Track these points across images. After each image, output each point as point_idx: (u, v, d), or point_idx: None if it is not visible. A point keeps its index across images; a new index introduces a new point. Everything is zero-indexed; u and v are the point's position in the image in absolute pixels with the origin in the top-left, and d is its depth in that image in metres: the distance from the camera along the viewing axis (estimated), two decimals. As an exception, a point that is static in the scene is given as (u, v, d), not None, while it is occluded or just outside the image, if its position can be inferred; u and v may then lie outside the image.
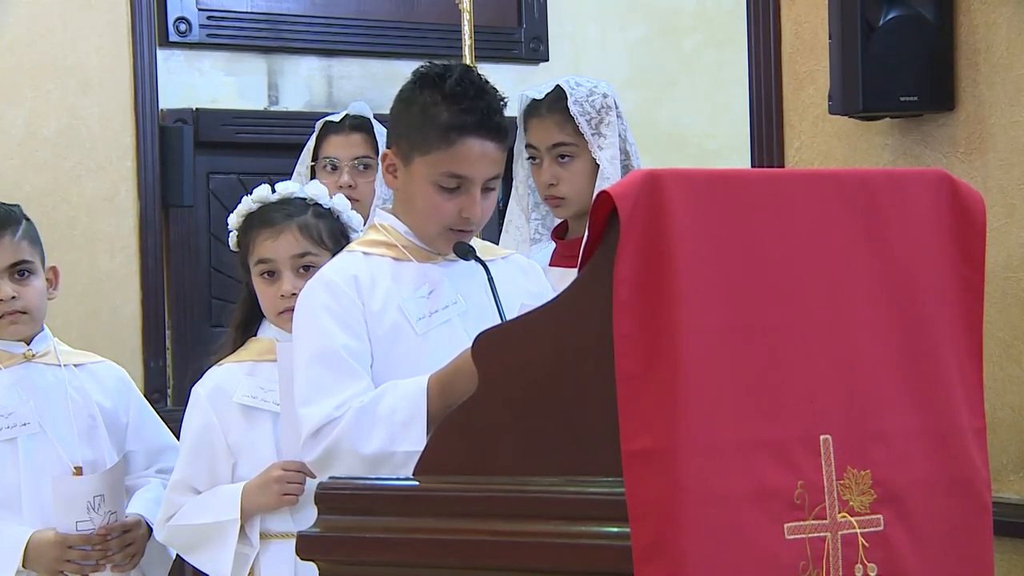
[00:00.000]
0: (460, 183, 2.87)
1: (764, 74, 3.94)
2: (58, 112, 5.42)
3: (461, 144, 2.86)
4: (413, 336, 2.88)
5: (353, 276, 2.89)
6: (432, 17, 6.30)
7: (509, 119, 3.19)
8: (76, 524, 3.37)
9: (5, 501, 3.41)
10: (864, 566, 2.15)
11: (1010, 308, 3.43)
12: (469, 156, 2.86)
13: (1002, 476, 3.37)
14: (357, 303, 2.87)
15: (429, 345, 2.87)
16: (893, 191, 2.25)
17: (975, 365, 2.28)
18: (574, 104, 3.62)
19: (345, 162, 4.13)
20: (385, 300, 2.89)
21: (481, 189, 2.89)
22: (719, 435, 2.07)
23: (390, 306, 2.89)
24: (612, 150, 3.62)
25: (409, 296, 2.90)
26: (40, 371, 3.50)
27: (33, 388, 3.48)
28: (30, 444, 3.44)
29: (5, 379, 3.47)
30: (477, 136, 2.86)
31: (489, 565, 2.23)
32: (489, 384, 2.29)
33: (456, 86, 2.87)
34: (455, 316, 2.90)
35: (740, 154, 4.54)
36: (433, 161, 2.87)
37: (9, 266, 3.44)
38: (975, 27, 3.50)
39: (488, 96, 2.89)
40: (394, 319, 2.88)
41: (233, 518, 3.24)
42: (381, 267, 2.93)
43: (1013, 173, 3.44)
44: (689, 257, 2.08)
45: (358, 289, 2.88)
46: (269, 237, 3.33)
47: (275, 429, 3.29)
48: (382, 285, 2.90)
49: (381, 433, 2.70)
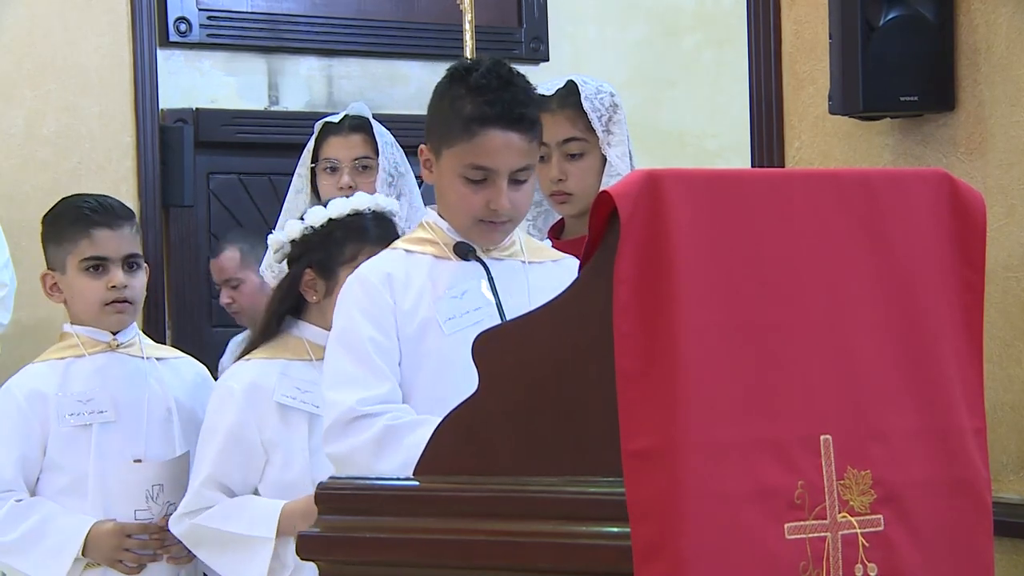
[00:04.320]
0: (486, 175, 2.88)
1: (764, 74, 3.94)
2: (58, 112, 5.42)
3: (483, 135, 2.86)
4: (441, 336, 2.88)
5: (388, 274, 2.91)
6: (432, 17, 6.30)
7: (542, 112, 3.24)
8: (135, 512, 3.45)
9: (71, 487, 3.48)
10: (864, 566, 2.15)
11: (1010, 308, 3.43)
12: (492, 147, 2.86)
13: (1002, 476, 3.37)
14: (388, 301, 2.89)
15: (457, 346, 2.84)
16: (893, 191, 2.25)
17: (975, 365, 2.29)
18: (586, 100, 3.62)
19: (345, 163, 4.13)
20: (418, 298, 2.90)
21: (510, 181, 2.89)
22: (719, 435, 2.07)
23: (422, 305, 2.90)
24: (621, 148, 3.63)
25: (442, 295, 2.91)
26: (123, 361, 3.58)
27: (115, 377, 3.55)
28: (103, 432, 3.50)
29: (88, 366, 3.54)
30: (499, 127, 2.86)
31: (489, 565, 2.23)
32: (489, 384, 2.29)
33: (481, 79, 2.88)
34: (486, 318, 2.89)
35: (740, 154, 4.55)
36: (458, 153, 2.89)
37: (125, 256, 3.54)
38: (975, 27, 3.50)
39: (515, 88, 2.89)
40: (424, 318, 2.89)
41: (267, 536, 3.25)
42: (420, 265, 2.94)
43: (1013, 173, 3.44)
44: (689, 257, 2.08)
45: (391, 287, 2.90)
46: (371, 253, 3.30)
47: (310, 431, 3.31)
48: (416, 283, 2.91)
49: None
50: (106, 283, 3.51)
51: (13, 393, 3.53)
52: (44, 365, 3.57)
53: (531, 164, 2.92)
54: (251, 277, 5.24)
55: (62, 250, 3.56)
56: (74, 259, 3.53)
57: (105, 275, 3.52)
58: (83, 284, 3.53)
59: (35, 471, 3.48)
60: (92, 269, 3.53)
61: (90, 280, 3.52)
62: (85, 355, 3.55)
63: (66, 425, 3.48)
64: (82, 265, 3.52)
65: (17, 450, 3.46)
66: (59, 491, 3.48)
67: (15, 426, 3.48)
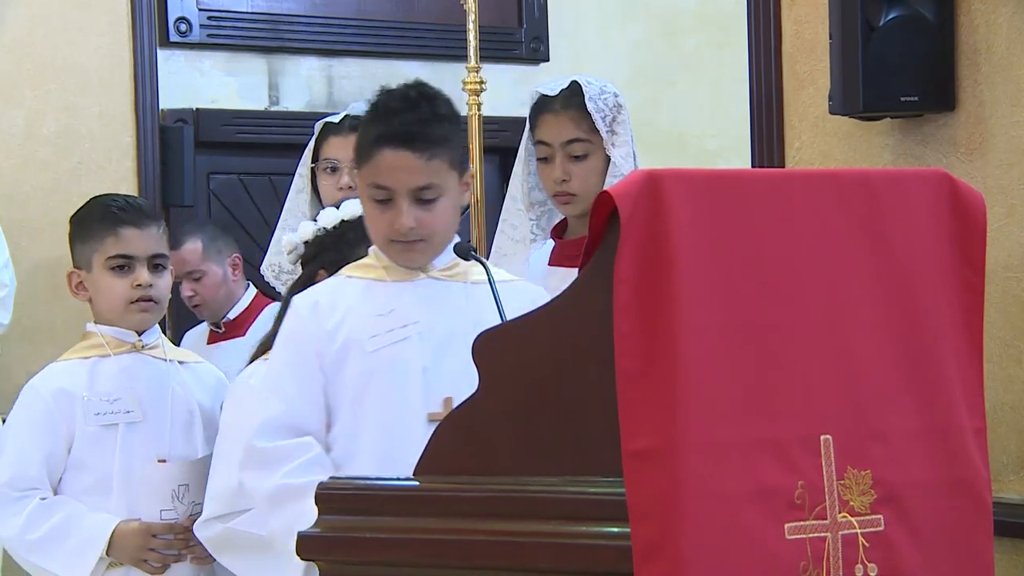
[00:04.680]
0: (387, 195, 2.92)
1: (764, 74, 3.94)
2: (58, 112, 5.43)
3: (379, 155, 2.92)
4: (363, 354, 2.93)
5: (314, 302, 2.99)
6: (432, 17, 6.31)
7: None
8: (160, 512, 3.45)
9: (96, 486, 3.48)
10: (864, 566, 2.15)
11: (1010, 308, 3.43)
12: (386, 166, 2.91)
13: (1002, 476, 3.37)
14: (312, 328, 2.96)
15: (380, 363, 2.93)
16: (893, 191, 2.25)
17: (975, 365, 2.29)
18: (590, 101, 3.62)
19: (345, 163, 4.12)
20: (341, 320, 2.96)
21: (415, 200, 2.92)
22: (719, 435, 2.07)
23: (345, 325, 2.96)
24: (626, 148, 3.63)
25: (366, 314, 2.96)
26: (147, 362, 3.58)
27: (140, 378, 3.56)
28: (129, 432, 3.51)
29: (113, 366, 3.55)
30: (391, 146, 2.91)
31: (489, 565, 2.23)
32: (489, 384, 2.29)
33: (386, 101, 2.96)
34: (414, 335, 2.93)
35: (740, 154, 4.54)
36: (363, 175, 2.97)
37: (151, 256, 3.56)
38: (975, 27, 3.50)
39: (418, 108, 2.93)
40: (346, 338, 2.95)
41: None
42: (352, 289, 3.00)
43: (1013, 173, 3.44)
44: (689, 257, 2.08)
45: (316, 313, 2.97)
46: None
47: None
48: (342, 306, 2.97)
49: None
50: (131, 282, 3.52)
51: (39, 391, 3.53)
52: (69, 364, 3.57)
53: (435, 183, 2.93)
54: (213, 269, 5.15)
55: (88, 248, 3.56)
56: (100, 257, 3.53)
57: (130, 274, 3.52)
58: (108, 282, 3.53)
59: (59, 470, 3.49)
60: (118, 268, 3.53)
61: (115, 278, 3.53)
62: (110, 355, 3.55)
63: (93, 424, 3.49)
64: (108, 263, 3.53)
65: (43, 449, 3.47)
66: (83, 490, 3.48)
67: (41, 424, 3.48)
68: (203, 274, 5.17)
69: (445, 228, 2.98)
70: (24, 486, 3.45)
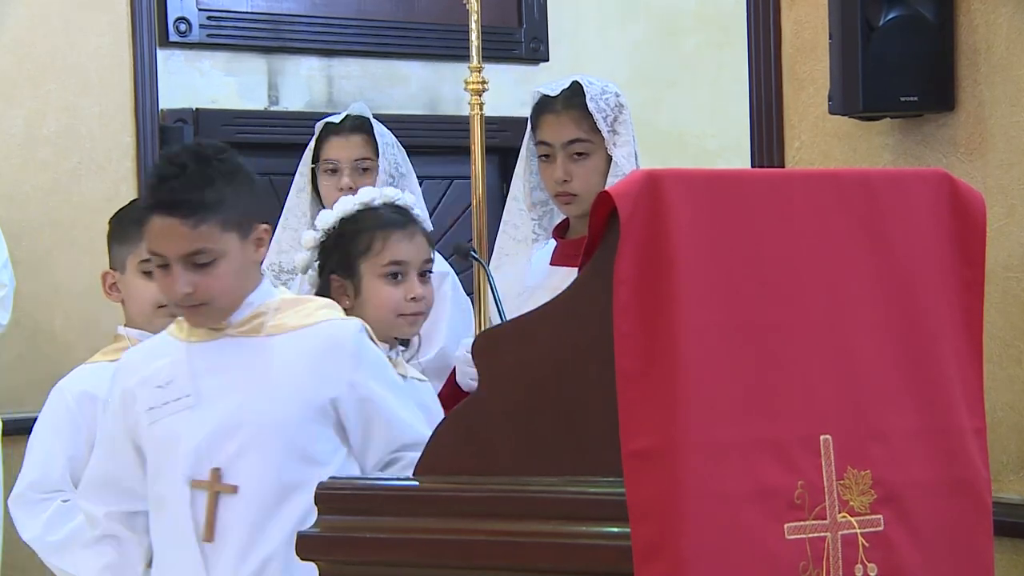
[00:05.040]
0: (162, 260, 2.93)
1: (764, 74, 3.94)
2: (58, 112, 5.43)
3: (150, 222, 2.93)
4: (147, 427, 2.99)
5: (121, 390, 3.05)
6: (432, 17, 6.31)
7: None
8: None
9: None
10: (864, 566, 2.15)
11: (1010, 308, 3.43)
12: (155, 233, 2.93)
13: (1002, 476, 3.37)
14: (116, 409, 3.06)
15: (155, 437, 2.98)
16: (893, 191, 2.25)
17: (975, 365, 2.28)
18: (592, 101, 3.62)
19: (345, 164, 4.13)
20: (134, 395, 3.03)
21: (190, 265, 2.90)
22: (719, 435, 2.07)
23: (138, 400, 3.02)
24: (627, 148, 3.63)
25: (152, 385, 3.00)
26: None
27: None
28: None
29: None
30: (159, 214, 2.91)
31: (489, 565, 2.23)
32: (489, 384, 2.29)
33: (160, 166, 2.97)
34: (186, 408, 2.95)
35: (740, 154, 4.54)
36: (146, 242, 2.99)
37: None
38: (975, 27, 3.50)
39: (185, 173, 2.90)
40: (136, 411, 3.02)
41: None
42: (151, 354, 3.07)
43: (1013, 173, 3.44)
44: (689, 257, 2.08)
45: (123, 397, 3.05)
46: (404, 238, 3.32)
47: None
48: (136, 378, 3.04)
49: None
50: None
51: (64, 394, 3.54)
52: (96, 366, 3.57)
53: (208, 247, 2.90)
54: None
55: (124, 250, 3.57)
56: (134, 259, 3.54)
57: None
58: (139, 285, 3.54)
59: (82, 472, 3.49)
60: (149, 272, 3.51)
61: (146, 281, 3.52)
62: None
63: None
64: (141, 266, 3.53)
65: (66, 451, 3.48)
66: None
67: (64, 427, 3.50)
68: None
69: (227, 289, 2.95)
70: (48, 488, 3.47)
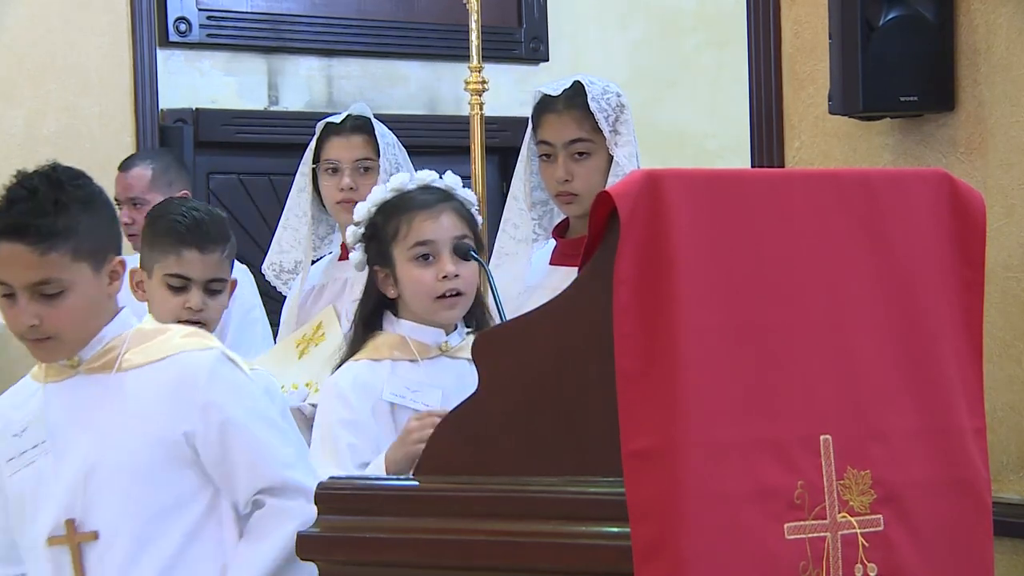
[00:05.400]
0: (7, 289, 2.78)
1: (764, 74, 3.94)
2: (58, 112, 5.42)
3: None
4: (8, 479, 2.89)
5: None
6: (432, 17, 6.30)
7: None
8: None
9: None
10: (864, 566, 2.15)
11: (1010, 308, 3.43)
12: (1, 260, 2.77)
13: (1002, 476, 3.37)
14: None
15: (14, 488, 2.88)
16: (893, 191, 2.25)
17: (975, 365, 2.29)
18: (593, 101, 3.62)
19: (346, 164, 4.12)
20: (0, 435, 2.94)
21: (36, 295, 2.75)
22: (719, 435, 2.07)
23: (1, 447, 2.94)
24: (629, 148, 3.63)
25: (9, 434, 2.90)
26: None
27: None
28: None
29: None
30: (6, 239, 2.75)
31: (489, 565, 2.23)
32: (489, 384, 2.29)
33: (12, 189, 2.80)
34: (41, 457, 2.85)
35: (740, 154, 4.54)
36: None
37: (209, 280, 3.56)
38: (975, 27, 3.50)
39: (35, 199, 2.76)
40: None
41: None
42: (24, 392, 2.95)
43: (1013, 173, 3.44)
44: (689, 257, 2.08)
45: None
46: (428, 218, 3.22)
47: None
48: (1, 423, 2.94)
49: None
50: (183, 302, 3.52)
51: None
52: None
53: (55, 277, 2.75)
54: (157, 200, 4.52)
55: (151, 257, 3.58)
56: (160, 270, 3.55)
57: (184, 294, 3.53)
58: (162, 297, 3.55)
59: None
60: (173, 287, 3.54)
61: (169, 295, 3.53)
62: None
63: None
64: (165, 279, 3.54)
65: None
66: None
67: None
68: (146, 203, 4.69)
69: (75, 323, 2.80)
70: None
